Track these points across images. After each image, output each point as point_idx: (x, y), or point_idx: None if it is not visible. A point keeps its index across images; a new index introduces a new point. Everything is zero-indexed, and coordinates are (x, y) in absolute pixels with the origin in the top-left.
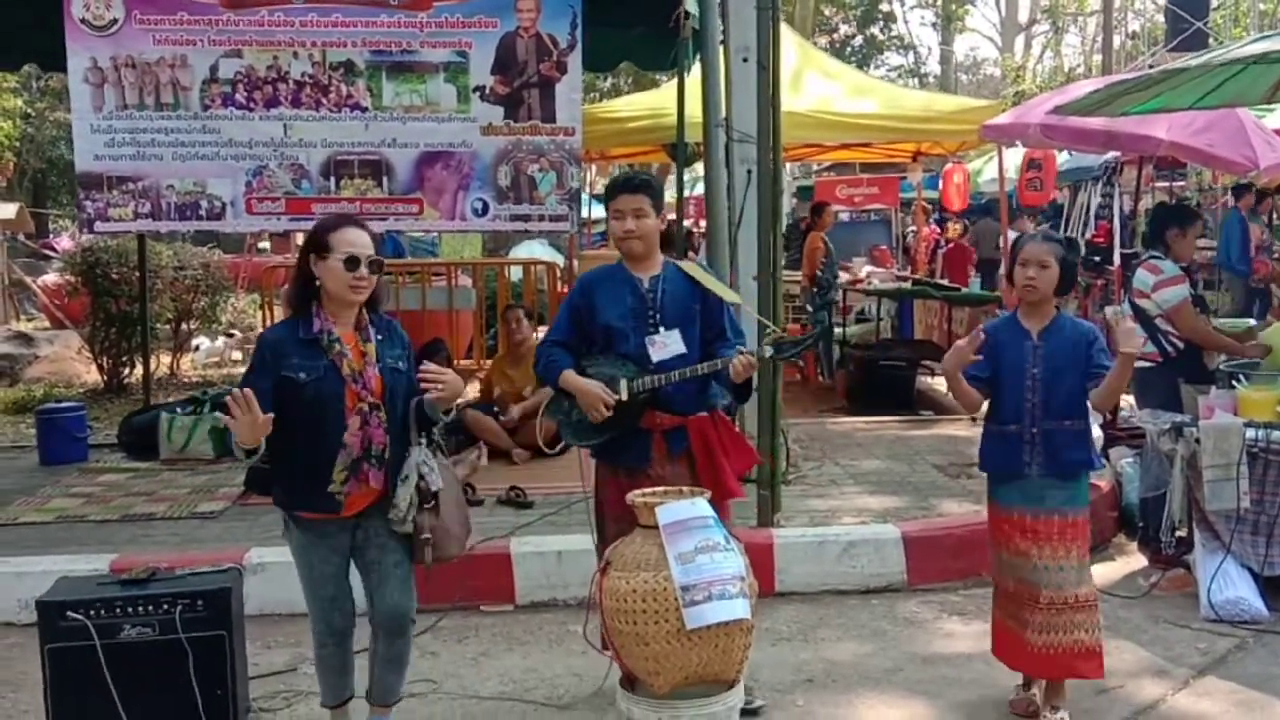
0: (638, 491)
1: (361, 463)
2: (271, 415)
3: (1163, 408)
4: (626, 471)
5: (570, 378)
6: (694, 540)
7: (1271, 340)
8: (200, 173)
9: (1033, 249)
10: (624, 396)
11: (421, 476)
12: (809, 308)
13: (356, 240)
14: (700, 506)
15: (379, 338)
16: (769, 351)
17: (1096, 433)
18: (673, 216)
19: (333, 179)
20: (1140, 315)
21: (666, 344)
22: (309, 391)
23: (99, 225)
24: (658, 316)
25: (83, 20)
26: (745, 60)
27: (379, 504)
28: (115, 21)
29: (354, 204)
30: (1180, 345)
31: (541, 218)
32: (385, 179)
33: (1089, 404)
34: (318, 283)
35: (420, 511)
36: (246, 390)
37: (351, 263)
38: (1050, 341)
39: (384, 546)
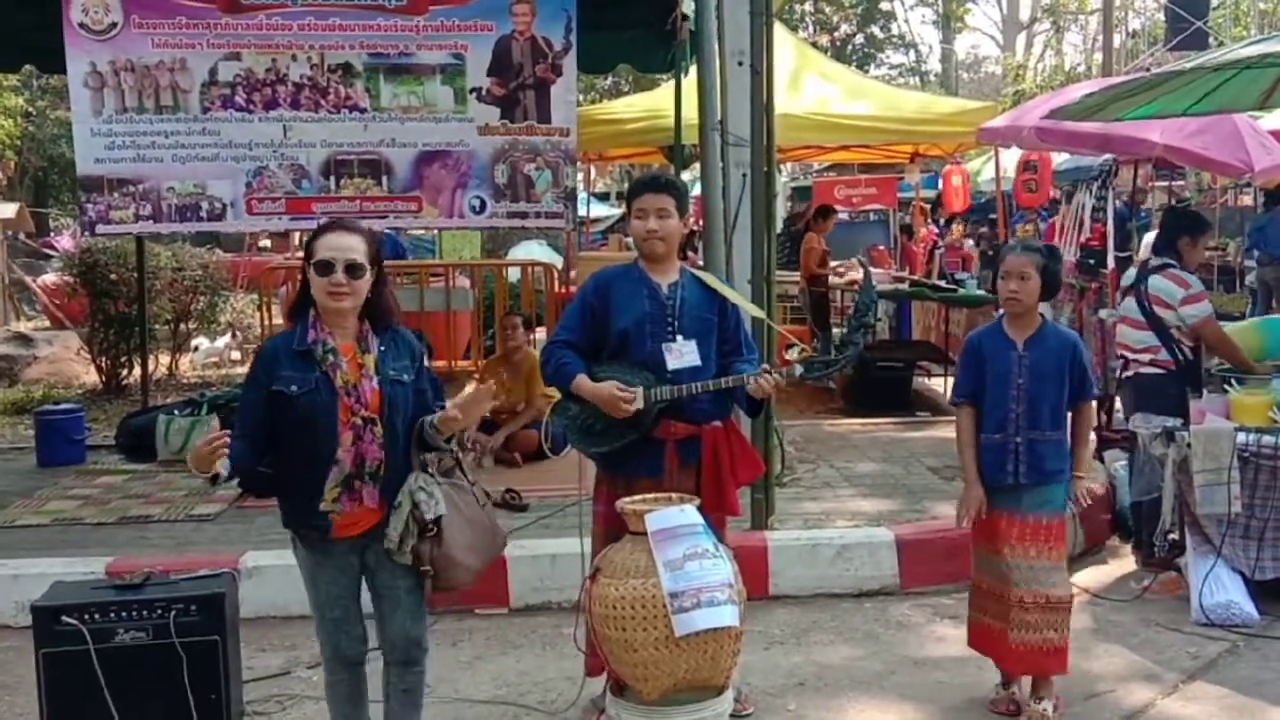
0: (627, 499)
1: (354, 480)
2: (227, 433)
3: (1173, 415)
4: (629, 483)
5: (584, 383)
6: (683, 547)
7: (1244, 338)
8: (200, 174)
9: (1013, 261)
10: (640, 405)
11: (416, 504)
12: (811, 321)
13: (336, 244)
14: (689, 514)
15: (381, 349)
16: (798, 371)
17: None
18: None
19: (333, 178)
20: (1155, 323)
21: (683, 353)
22: (300, 404)
23: (100, 228)
24: (675, 325)
25: (81, 24)
26: (740, 64)
27: (382, 526)
28: (114, 25)
29: (354, 202)
30: (1190, 355)
31: (539, 214)
32: (385, 178)
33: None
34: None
35: (420, 540)
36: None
37: (322, 267)
38: (1035, 351)
39: (394, 571)
